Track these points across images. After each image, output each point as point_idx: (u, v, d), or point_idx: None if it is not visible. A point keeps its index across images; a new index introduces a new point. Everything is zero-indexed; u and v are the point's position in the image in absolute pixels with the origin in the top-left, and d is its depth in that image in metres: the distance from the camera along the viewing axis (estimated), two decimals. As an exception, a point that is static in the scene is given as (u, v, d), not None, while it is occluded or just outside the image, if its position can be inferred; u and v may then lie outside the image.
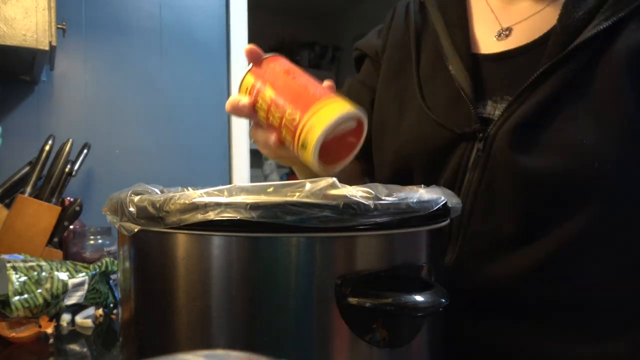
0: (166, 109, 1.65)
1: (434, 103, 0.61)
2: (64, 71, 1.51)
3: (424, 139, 0.60)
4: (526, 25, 0.59)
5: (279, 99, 0.48)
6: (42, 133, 1.42)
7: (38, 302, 0.83)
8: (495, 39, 0.60)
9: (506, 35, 0.60)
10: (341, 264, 0.39)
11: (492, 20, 0.62)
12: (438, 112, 0.60)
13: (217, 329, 0.39)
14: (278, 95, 0.48)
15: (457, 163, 0.58)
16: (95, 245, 1.18)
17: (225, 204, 0.37)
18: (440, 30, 0.63)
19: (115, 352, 0.76)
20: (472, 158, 0.56)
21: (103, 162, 1.54)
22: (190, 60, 1.69)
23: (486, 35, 0.62)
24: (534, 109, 0.53)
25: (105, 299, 0.95)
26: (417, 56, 0.65)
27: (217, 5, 1.73)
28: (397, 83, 0.66)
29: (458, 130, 0.57)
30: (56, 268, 0.88)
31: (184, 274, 0.40)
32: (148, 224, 0.41)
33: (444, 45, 0.61)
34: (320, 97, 0.47)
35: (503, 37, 0.60)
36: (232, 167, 1.76)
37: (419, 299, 0.39)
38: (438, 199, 0.43)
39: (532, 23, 0.59)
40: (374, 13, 3.88)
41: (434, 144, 0.59)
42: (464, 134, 0.57)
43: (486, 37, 0.61)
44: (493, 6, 0.63)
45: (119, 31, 1.59)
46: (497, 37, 0.60)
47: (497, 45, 0.60)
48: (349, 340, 0.39)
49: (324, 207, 0.36)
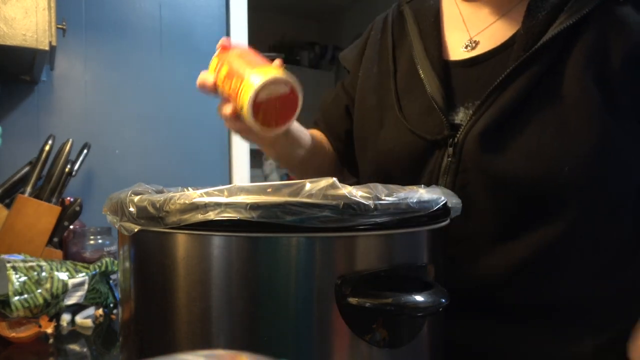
0: (166, 109, 1.65)
1: (410, 112, 0.62)
2: (64, 71, 1.51)
3: (400, 149, 0.62)
4: (492, 32, 0.61)
5: (230, 74, 0.57)
6: (42, 133, 1.41)
7: (38, 302, 0.83)
8: (463, 50, 0.62)
9: (473, 47, 0.61)
10: (341, 264, 0.39)
11: (462, 29, 0.64)
12: (413, 121, 0.61)
13: (217, 328, 0.39)
14: (230, 71, 0.57)
15: (431, 170, 0.59)
16: (95, 245, 1.18)
17: (225, 204, 0.37)
18: (414, 40, 0.65)
19: (115, 352, 0.76)
20: (444, 164, 0.58)
21: (103, 162, 1.54)
22: (190, 60, 1.69)
23: (456, 44, 0.63)
24: (499, 113, 0.54)
25: (105, 299, 0.95)
26: (394, 67, 0.67)
27: (217, 5, 1.73)
28: (377, 95, 0.68)
29: (430, 138, 0.59)
30: (56, 268, 0.88)
31: (184, 274, 0.40)
32: (148, 224, 0.41)
33: (417, 54, 0.63)
34: (256, 66, 0.55)
35: (469, 48, 0.61)
36: (232, 167, 1.76)
37: (419, 299, 0.39)
38: (438, 199, 0.43)
39: (496, 29, 0.60)
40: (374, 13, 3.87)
41: (410, 153, 0.61)
42: (436, 141, 0.58)
43: (456, 46, 0.63)
44: (464, 13, 0.65)
45: (119, 31, 1.59)
46: (465, 49, 0.62)
47: (465, 54, 0.62)
48: (349, 340, 0.39)
49: (324, 207, 0.36)
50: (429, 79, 0.60)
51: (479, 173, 0.55)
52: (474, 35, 0.62)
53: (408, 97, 0.63)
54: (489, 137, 0.54)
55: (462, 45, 0.62)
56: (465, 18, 0.64)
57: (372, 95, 0.68)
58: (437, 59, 0.61)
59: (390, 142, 0.64)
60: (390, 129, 0.64)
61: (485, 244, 0.56)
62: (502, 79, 0.54)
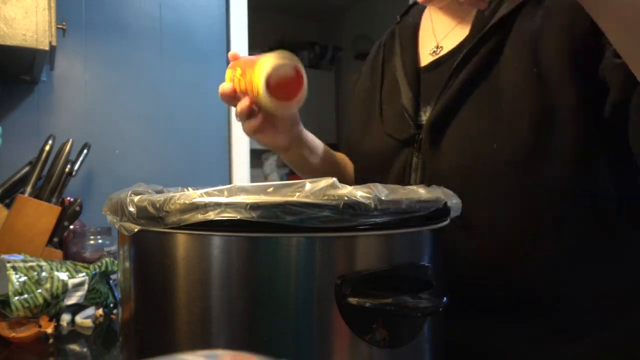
0: (166, 109, 1.65)
1: (387, 117, 0.69)
2: (64, 71, 1.51)
3: (375, 149, 0.69)
4: (453, 35, 0.66)
5: (243, 72, 0.64)
6: (42, 133, 1.42)
7: (38, 302, 0.83)
8: (430, 54, 0.68)
9: (437, 52, 0.67)
10: (341, 264, 0.39)
11: (432, 37, 0.70)
12: (388, 124, 0.68)
13: (217, 329, 0.39)
14: (242, 70, 0.64)
15: (402, 166, 0.64)
16: (95, 245, 1.18)
17: (225, 204, 0.37)
18: (397, 55, 0.72)
19: (115, 352, 0.76)
20: (414, 161, 0.63)
21: (103, 162, 1.54)
22: (191, 60, 1.69)
23: (426, 51, 0.70)
24: (444, 107, 0.58)
25: (105, 299, 0.95)
26: (381, 80, 0.74)
27: (217, 5, 1.73)
28: (365, 105, 0.75)
29: (399, 137, 0.64)
30: (56, 268, 0.88)
31: (184, 274, 0.40)
32: (148, 224, 0.41)
33: (397, 66, 0.70)
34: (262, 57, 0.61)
35: (434, 53, 0.67)
36: (232, 167, 1.76)
37: (419, 299, 0.39)
38: (438, 199, 0.43)
39: (456, 32, 0.65)
40: (374, 13, 3.88)
41: (381, 152, 0.68)
42: (405, 140, 0.64)
43: (425, 53, 0.70)
44: (434, 22, 0.71)
45: (119, 31, 1.59)
46: (431, 54, 0.68)
47: (431, 59, 0.67)
48: (349, 340, 0.39)
49: (324, 207, 0.36)
50: (403, 86, 0.67)
51: (432, 167, 0.59)
52: (440, 41, 0.68)
53: (388, 105, 0.70)
54: (436, 130, 0.59)
55: (429, 52, 0.68)
56: (435, 27, 0.70)
57: (362, 106, 0.76)
58: (410, 68, 0.68)
59: (368, 144, 0.71)
60: (371, 134, 0.71)
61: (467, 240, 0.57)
62: (450, 74, 0.59)
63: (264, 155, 3.83)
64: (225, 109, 1.75)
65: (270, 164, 3.82)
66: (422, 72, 0.67)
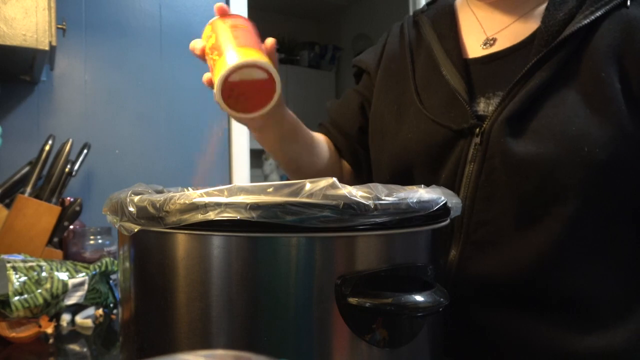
0: (166, 109, 1.65)
1: (431, 105, 0.66)
2: (64, 71, 1.51)
3: (423, 138, 0.65)
4: (509, 32, 0.64)
5: (215, 45, 0.55)
6: (42, 133, 1.42)
7: (38, 302, 0.83)
8: (482, 47, 0.66)
9: (491, 44, 0.65)
10: (341, 264, 0.39)
11: (479, 31, 0.68)
12: (435, 112, 0.64)
13: (217, 329, 0.39)
14: (215, 43, 0.55)
15: (457, 158, 0.61)
16: (95, 245, 1.18)
17: (225, 204, 0.37)
18: (433, 42, 0.69)
19: (115, 352, 0.76)
20: (471, 152, 0.60)
21: (103, 162, 1.54)
22: (191, 60, 1.67)
23: (474, 43, 0.67)
24: (524, 101, 0.57)
25: (105, 299, 0.95)
26: (412, 66, 0.71)
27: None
28: (395, 91, 0.72)
29: (455, 127, 0.62)
30: (56, 268, 0.88)
31: (184, 274, 0.40)
32: (148, 224, 0.41)
33: (437, 54, 0.67)
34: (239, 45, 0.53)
35: (488, 45, 0.65)
36: (232, 167, 1.76)
37: (419, 299, 0.39)
38: (438, 199, 0.43)
39: (514, 29, 0.64)
40: (374, 13, 3.88)
41: (433, 142, 0.64)
42: (461, 131, 0.61)
43: (474, 45, 0.67)
44: (479, 17, 0.69)
45: (119, 31, 1.59)
46: (483, 46, 0.66)
47: (483, 51, 0.66)
48: (349, 340, 0.39)
49: (324, 207, 0.36)
50: (452, 75, 0.64)
51: (504, 157, 0.57)
52: (491, 35, 0.66)
53: (427, 93, 0.67)
54: (514, 123, 0.57)
55: (480, 44, 0.66)
56: (481, 21, 0.68)
57: (391, 90, 0.72)
58: (456, 57, 0.65)
59: (411, 133, 0.66)
60: (410, 122, 0.67)
61: (508, 231, 0.57)
62: (527, 69, 0.57)
63: (264, 156, 3.83)
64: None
65: (270, 164, 3.82)
66: (472, 63, 0.65)
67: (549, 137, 0.55)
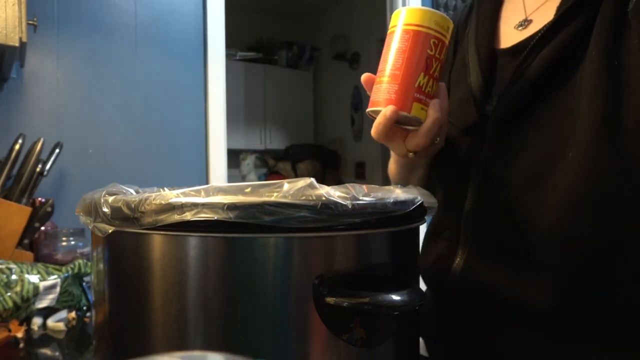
0: (141, 108, 1.63)
1: (452, 101, 0.61)
2: (34, 68, 1.47)
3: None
4: (545, 9, 0.57)
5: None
6: (12, 132, 1.38)
7: (8, 305, 0.81)
8: (516, 29, 0.59)
9: (525, 25, 0.58)
10: (319, 264, 0.39)
11: (520, 9, 0.61)
12: (452, 110, 0.60)
13: (193, 330, 0.39)
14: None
15: (463, 159, 0.58)
16: (67, 246, 1.16)
17: (202, 204, 0.37)
18: (471, 30, 0.63)
19: (88, 355, 0.75)
20: (476, 155, 0.57)
21: (76, 162, 1.51)
22: (166, 58, 1.66)
23: (510, 26, 0.61)
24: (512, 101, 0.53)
25: (78, 302, 0.93)
26: (453, 58, 0.66)
27: (194, 3, 1.71)
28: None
29: (460, 126, 0.59)
30: (27, 270, 0.86)
31: (160, 275, 0.39)
32: (123, 224, 0.40)
33: (469, 43, 0.62)
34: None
35: (522, 27, 0.59)
36: (209, 166, 1.74)
37: (396, 298, 0.40)
38: (414, 199, 0.43)
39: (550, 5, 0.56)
40: (352, 13, 3.90)
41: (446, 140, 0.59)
42: (467, 130, 0.58)
43: (509, 28, 0.61)
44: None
45: (93, 27, 1.55)
46: (518, 27, 0.59)
47: (516, 35, 0.59)
48: (327, 339, 0.39)
49: (302, 207, 0.36)
50: (472, 69, 0.59)
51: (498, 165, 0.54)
52: (529, 14, 0.59)
53: (456, 87, 0.63)
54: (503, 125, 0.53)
55: (515, 25, 0.60)
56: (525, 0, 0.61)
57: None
58: (484, 48, 0.60)
59: None
60: None
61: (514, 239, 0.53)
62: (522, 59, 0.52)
63: (241, 156, 3.80)
64: (202, 108, 1.73)
65: (248, 164, 3.80)
66: (500, 55, 0.58)
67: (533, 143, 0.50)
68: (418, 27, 0.50)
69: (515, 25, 0.59)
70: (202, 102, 1.73)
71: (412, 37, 0.50)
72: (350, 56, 3.89)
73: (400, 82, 0.49)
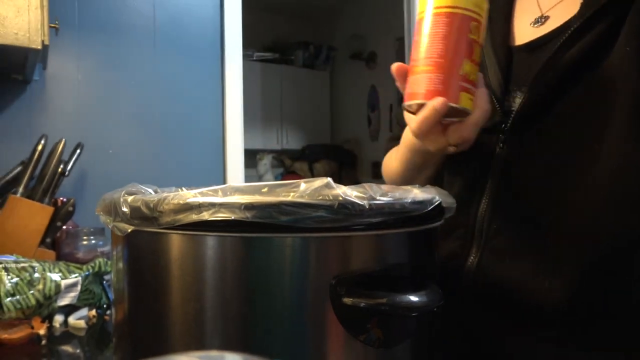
0: (160, 109, 1.65)
1: None
2: (56, 70, 1.50)
3: None
4: (564, 6, 0.56)
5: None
6: (35, 133, 1.40)
7: (30, 303, 0.83)
8: (532, 26, 0.58)
9: (542, 22, 0.57)
10: (336, 264, 0.39)
11: (534, 7, 0.59)
12: None
13: (211, 329, 0.39)
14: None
15: (483, 157, 0.57)
16: (88, 245, 1.18)
17: (219, 204, 0.37)
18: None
19: (108, 353, 0.76)
20: (496, 152, 0.55)
21: (96, 162, 1.54)
22: (184, 59, 1.68)
23: (525, 23, 0.59)
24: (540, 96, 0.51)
25: (99, 300, 0.94)
26: None
27: (211, 4, 1.73)
28: None
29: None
30: (49, 269, 0.87)
31: (177, 275, 0.40)
32: (142, 224, 0.40)
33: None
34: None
35: (539, 24, 0.57)
36: (226, 166, 1.75)
37: (414, 299, 0.39)
38: (432, 199, 0.43)
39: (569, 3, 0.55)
40: (369, 12, 3.88)
41: None
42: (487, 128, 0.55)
43: (524, 25, 0.59)
44: None
45: (112, 30, 1.58)
46: (534, 25, 0.57)
47: (532, 32, 0.57)
48: (344, 340, 0.39)
49: (319, 207, 0.36)
50: (490, 65, 0.58)
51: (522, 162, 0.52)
52: (546, 11, 0.58)
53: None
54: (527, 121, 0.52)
55: (530, 22, 0.58)
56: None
57: None
58: (499, 45, 0.58)
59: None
60: None
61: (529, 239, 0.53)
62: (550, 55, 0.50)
63: (258, 156, 3.82)
64: (219, 108, 1.74)
65: (265, 164, 3.82)
66: (516, 51, 0.57)
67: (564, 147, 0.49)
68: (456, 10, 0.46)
69: (531, 23, 0.58)
70: (220, 102, 1.74)
71: (452, 20, 0.46)
72: (367, 56, 3.88)
73: (445, 70, 0.46)
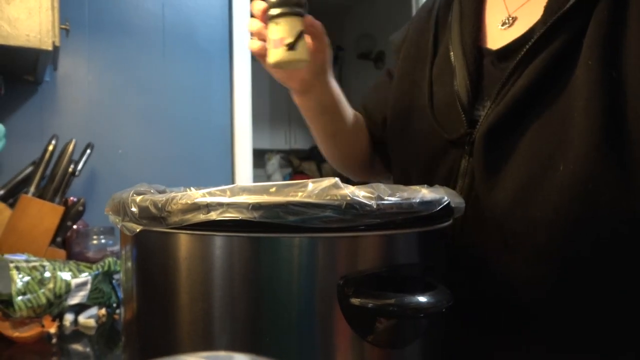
0: (169, 109, 1.66)
1: (438, 102, 0.58)
2: (67, 71, 1.52)
3: (421, 142, 0.58)
4: (532, 7, 0.54)
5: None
6: (46, 133, 1.42)
7: (41, 302, 0.84)
8: (500, 27, 0.56)
9: (510, 24, 0.55)
10: (343, 265, 0.39)
11: (502, 8, 0.58)
12: (439, 113, 0.57)
13: (219, 329, 0.39)
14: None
15: (449, 169, 0.54)
16: (98, 245, 1.18)
17: (227, 204, 0.37)
18: (454, 23, 0.59)
19: (117, 352, 0.76)
20: (462, 164, 0.53)
21: (106, 162, 1.55)
22: (193, 60, 1.69)
23: (493, 23, 0.57)
24: (507, 108, 0.49)
25: (108, 299, 0.95)
26: (433, 51, 0.61)
27: (220, 5, 1.73)
28: (411, 78, 0.63)
29: (447, 136, 0.55)
30: (59, 268, 0.88)
31: (186, 274, 0.40)
32: (150, 224, 0.41)
33: (453, 38, 0.58)
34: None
35: (507, 26, 0.55)
36: (234, 167, 1.76)
37: (422, 300, 0.39)
38: (441, 199, 0.42)
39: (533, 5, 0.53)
40: (377, 12, 3.88)
41: (428, 148, 0.57)
42: (453, 140, 0.54)
43: (493, 26, 0.57)
44: None
45: (122, 31, 1.59)
46: (502, 27, 0.56)
47: (501, 35, 0.56)
48: (352, 340, 0.39)
49: (326, 207, 0.36)
50: (459, 69, 0.55)
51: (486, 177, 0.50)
52: (513, 11, 0.56)
53: (439, 84, 0.58)
54: (494, 136, 0.49)
55: (499, 24, 0.56)
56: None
57: (408, 77, 0.63)
58: (469, 46, 0.56)
59: (412, 136, 0.59)
60: (418, 124, 0.59)
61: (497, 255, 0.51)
62: (514, 65, 0.49)
63: (266, 156, 3.83)
64: (228, 109, 1.75)
65: (273, 164, 3.83)
66: (487, 54, 0.55)
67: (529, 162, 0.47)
68: None
69: (499, 24, 0.56)
70: (228, 102, 1.75)
71: None
72: (375, 55, 3.87)
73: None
